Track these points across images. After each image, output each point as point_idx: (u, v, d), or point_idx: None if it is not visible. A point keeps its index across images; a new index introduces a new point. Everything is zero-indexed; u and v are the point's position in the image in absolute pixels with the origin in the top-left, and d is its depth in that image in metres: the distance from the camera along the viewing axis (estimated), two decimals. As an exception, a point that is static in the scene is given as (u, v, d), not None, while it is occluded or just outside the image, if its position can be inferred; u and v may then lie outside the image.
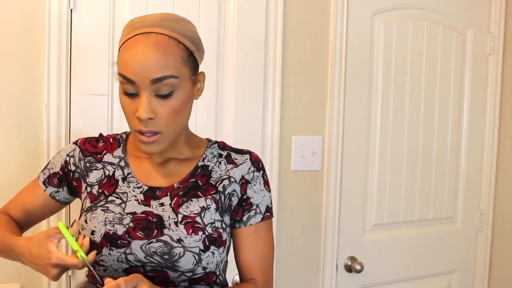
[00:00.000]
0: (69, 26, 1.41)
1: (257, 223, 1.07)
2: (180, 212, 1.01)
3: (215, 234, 1.01)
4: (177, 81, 0.95)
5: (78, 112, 1.44)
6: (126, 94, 0.96)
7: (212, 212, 1.02)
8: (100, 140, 1.12)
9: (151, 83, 0.93)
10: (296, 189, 1.77)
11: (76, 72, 1.43)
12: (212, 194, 1.04)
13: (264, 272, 1.08)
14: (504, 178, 2.15)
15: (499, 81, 2.13)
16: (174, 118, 0.97)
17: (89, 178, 1.08)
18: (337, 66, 1.78)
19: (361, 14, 1.84)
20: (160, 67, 0.93)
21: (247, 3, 1.63)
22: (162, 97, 0.95)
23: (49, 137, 1.42)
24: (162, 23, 0.96)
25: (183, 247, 0.97)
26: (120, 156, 1.09)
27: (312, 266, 1.82)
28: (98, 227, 0.99)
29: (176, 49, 0.95)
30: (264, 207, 1.08)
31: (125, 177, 1.06)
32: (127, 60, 0.94)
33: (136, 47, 0.94)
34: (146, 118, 0.94)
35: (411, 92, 1.96)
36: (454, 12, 2.03)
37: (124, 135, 1.14)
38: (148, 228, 0.99)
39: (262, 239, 1.08)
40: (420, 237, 2.03)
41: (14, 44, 1.38)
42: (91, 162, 1.09)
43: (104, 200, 1.03)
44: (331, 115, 1.79)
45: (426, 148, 2.01)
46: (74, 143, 1.13)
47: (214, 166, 1.08)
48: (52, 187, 1.13)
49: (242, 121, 1.65)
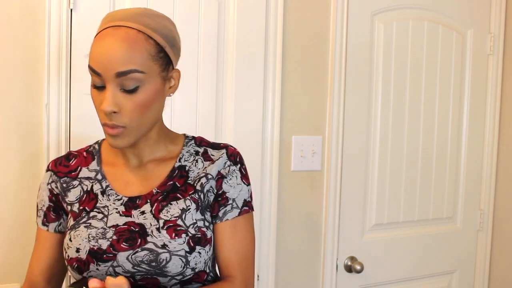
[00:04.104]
0: (69, 26, 1.41)
1: (234, 218, 1.05)
2: (161, 218, 0.99)
3: (199, 234, 1.00)
4: (143, 76, 0.94)
5: (78, 112, 1.44)
6: (95, 87, 0.96)
7: (192, 213, 1.01)
8: (72, 158, 1.10)
9: (116, 77, 0.92)
10: (296, 189, 1.77)
11: (76, 72, 1.43)
12: (191, 194, 1.03)
13: (242, 269, 1.05)
14: (504, 178, 2.15)
15: (499, 81, 2.13)
16: (139, 113, 0.95)
17: (68, 198, 1.06)
18: (337, 66, 1.78)
19: (361, 14, 1.84)
20: (125, 61, 0.92)
21: (247, 3, 1.63)
22: (127, 91, 0.94)
23: (49, 137, 1.41)
24: (134, 17, 0.96)
25: (169, 252, 0.96)
26: (96, 169, 1.08)
27: (312, 266, 1.82)
28: (83, 244, 0.98)
29: (144, 44, 0.94)
30: (241, 201, 1.06)
31: (104, 191, 1.05)
32: (95, 53, 0.94)
33: (105, 39, 0.93)
34: (110, 112, 0.93)
35: (411, 92, 1.96)
36: (454, 12, 2.03)
37: (96, 145, 1.12)
38: (132, 238, 0.98)
39: (240, 234, 1.05)
40: (420, 237, 2.03)
41: (14, 44, 1.38)
42: (67, 182, 1.07)
43: (86, 217, 1.02)
44: (331, 115, 1.79)
45: (426, 148, 2.01)
46: (47, 171, 1.10)
47: (191, 165, 1.06)
48: (53, 223, 1.09)
49: (242, 121, 1.65)
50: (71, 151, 1.13)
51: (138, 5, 1.47)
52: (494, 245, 2.18)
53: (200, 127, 1.57)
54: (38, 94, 1.41)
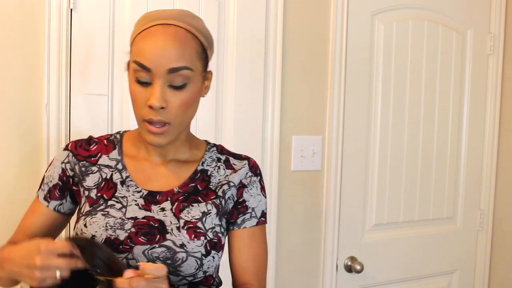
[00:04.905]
0: (69, 26, 1.41)
1: (251, 226, 1.08)
2: (181, 217, 1.00)
3: (216, 239, 1.02)
4: (191, 74, 0.96)
5: (78, 112, 1.44)
6: (139, 83, 0.96)
7: (213, 217, 1.03)
8: (92, 143, 1.09)
9: (167, 73, 0.94)
10: (296, 189, 1.77)
11: (76, 72, 1.43)
12: (212, 199, 1.05)
13: (259, 278, 1.08)
14: (504, 178, 2.15)
15: (499, 81, 2.13)
16: (183, 111, 0.97)
17: (86, 182, 1.06)
18: (337, 66, 1.78)
19: (361, 14, 1.84)
20: (178, 57, 0.94)
21: (247, 2, 1.63)
22: (175, 88, 0.95)
23: (49, 137, 1.41)
24: (181, 17, 0.98)
25: (186, 252, 0.97)
26: (117, 159, 1.07)
27: (312, 266, 1.82)
28: (99, 232, 0.98)
29: (192, 43, 0.97)
30: (260, 212, 1.09)
31: (123, 181, 1.05)
32: (145, 48, 0.94)
33: (156, 36, 0.95)
34: (158, 107, 0.94)
35: (411, 92, 1.96)
36: (454, 12, 2.03)
37: (118, 135, 1.12)
38: (151, 233, 0.98)
39: (257, 243, 1.09)
40: (420, 237, 2.03)
41: (14, 44, 1.38)
42: (86, 166, 1.07)
43: (104, 205, 1.02)
44: (331, 115, 1.79)
45: (426, 148, 2.01)
46: (65, 149, 1.09)
47: (213, 171, 1.08)
48: (55, 201, 1.09)
49: (242, 121, 1.65)
50: (92, 136, 1.13)
51: (139, 5, 1.48)
52: (494, 245, 2.18)
53: (200, 127, 1.57)
54: (38, 94, 1.41)
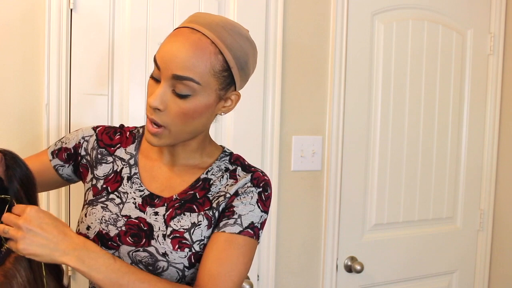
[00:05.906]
0: (69, 26, 1.41)
1: (232, 233, 0.96)
2: (170, 225, 0.98)
3: (202, 252, 0.97)
4: (197, 87, 0.92)
5: (78, 112, 1.44)
6: (152, 77, 0.96)
7: (203, 230, 0.98)
8: (118, 132, 1.10)
9: (172, 77, 0.91)
10: (296, 189, 1.77)
11: (76, 72, 1.43)
12: (206, 210, 1.00)
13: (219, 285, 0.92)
14: (504, 178, 2.15)
15: (499, 81, 2.13)
16: (182, 120, 0.94)
17: (97, 171, 1.06)
18: (337, 66, 1.78)
19: (361, 14, 1.84)
20: (186, 67, 0.90)
21: (247, 3, 1.63)
22: (177, 95, 0.92)
23: (48, 137, 1.41)
24: (214, 27, 0.93)
25: (167, 261, 0.96)
26: (132, 153, 1.07)
27: (312, 266, 1.82)
28: (94, 224, 1.00)
29: (210, 57, 0.92)
30: (248, 222, 0.97)
31: (130, 177, 1.05)
32: (164, 46, 0.93)
33: (177, 38, 0.92)
34: (154, 107, 0.93)
35: (411, 92, 1.96)
36: (454, 12, 2.03)
37: (141, 129, 1.12)
38: (138, 236, 0.98)
39: (233, 251, 0.94)
40: (420, 237, 2.03)
41: (14, 44, 1.38)
42: (103, 154, 1.07)
43: (105, 197, 1.03)
44: (331, 115, 1.79)
45: (426, 148, 2.01)
46: (93, 129, 1.11)
47: (216, 180, 1.03)
48: (59, 160, 1.09)
49: (242, 121, 1.65)
50: (124, 125, 1.13)
51: (139, 5, 1.48)
52: (494, 245, 2.18)
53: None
54: (38, 94, 1.41)
